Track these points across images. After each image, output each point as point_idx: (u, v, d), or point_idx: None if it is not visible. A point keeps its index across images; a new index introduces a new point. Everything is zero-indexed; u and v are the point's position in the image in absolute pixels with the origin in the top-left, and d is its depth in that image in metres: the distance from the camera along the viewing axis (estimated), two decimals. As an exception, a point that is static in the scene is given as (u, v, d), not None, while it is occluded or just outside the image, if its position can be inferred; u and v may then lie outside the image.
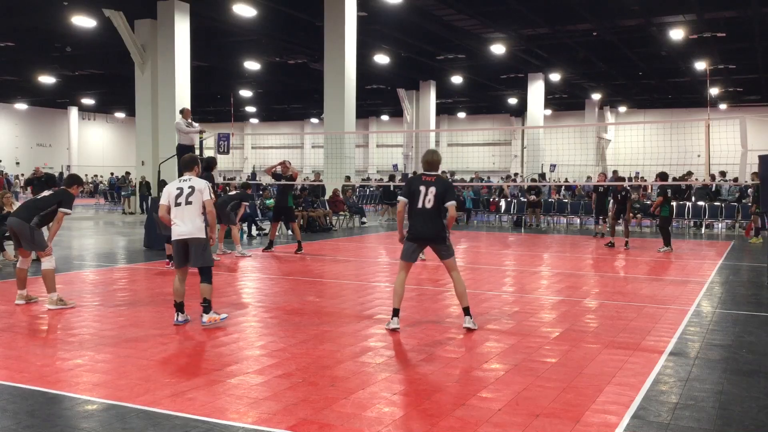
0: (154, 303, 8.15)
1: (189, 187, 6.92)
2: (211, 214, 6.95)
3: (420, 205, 6.64)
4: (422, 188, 6.64)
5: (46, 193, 8.02)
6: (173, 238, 6.92)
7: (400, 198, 6.92)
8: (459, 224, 22.93)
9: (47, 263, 7.75)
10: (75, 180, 8.21)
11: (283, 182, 13.72)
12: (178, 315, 6.99)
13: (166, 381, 5.05)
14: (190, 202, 6.87)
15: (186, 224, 6.83)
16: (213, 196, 7.18)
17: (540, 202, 22.17)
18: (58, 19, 22.38)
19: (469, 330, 6.75)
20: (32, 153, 51.24)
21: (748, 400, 4.80)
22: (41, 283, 7.96)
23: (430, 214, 6.64)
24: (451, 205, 6.61)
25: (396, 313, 6.82)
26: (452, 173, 32.00)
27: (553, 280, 10.59)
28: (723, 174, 23.27)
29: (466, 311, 6.85)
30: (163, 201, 7.06)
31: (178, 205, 6.87)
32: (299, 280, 10.28)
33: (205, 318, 6.85)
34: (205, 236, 6.91)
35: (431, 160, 6.86)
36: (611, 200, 16.21)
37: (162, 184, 19.71)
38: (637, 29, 25.21)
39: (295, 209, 14.88)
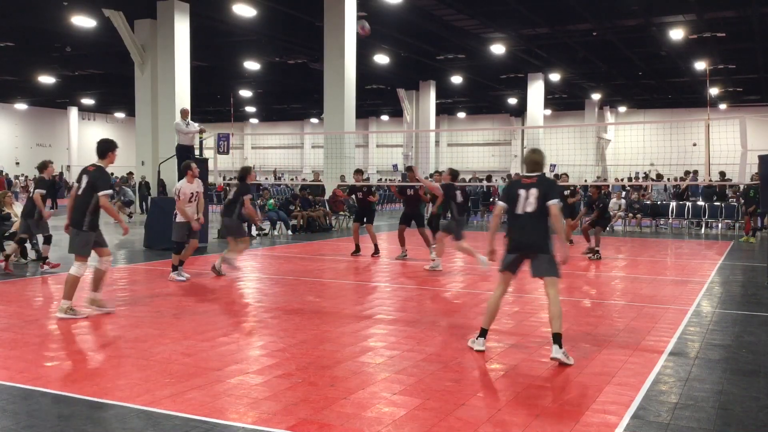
0: (154, 303, 8.14)
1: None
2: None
3: (520, 210, 5.78)
4: (522, 191, 5.78)
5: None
6: None
7: (498, 203, 6.10)
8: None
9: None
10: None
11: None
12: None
13: (166, 381, 5.05)
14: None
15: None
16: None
17: None
18: (58, 19, 22.37)
19: (560, 363, 5.58)
20: (32, 153, 51.17)
21: (748, 400, 4.80)
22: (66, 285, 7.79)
23: (531, 220, 5.73)
24: (553, 204, 5.67)
25: (483, 333, 5.98)
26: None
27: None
28: (722, 174, 23.27)
29: (556, 339, 5.60)
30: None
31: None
32: (299, 280, 10.28)
33: None
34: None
35: (534, 159, 5.95)
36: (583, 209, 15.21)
37: (161, 183, 19.75)
38: (637, 29, 25.19)
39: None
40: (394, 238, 14.44)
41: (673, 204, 21.54)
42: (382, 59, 28.73)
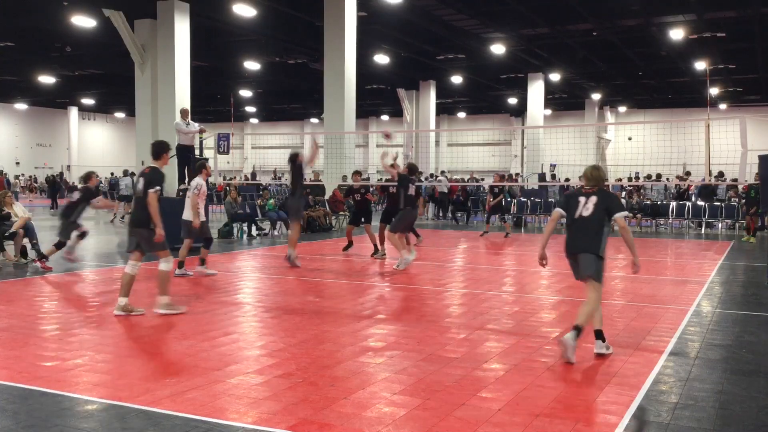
0: (154, 303, 8.14)
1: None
2: None
3: (577, 214, 6.00)
4: (582, 199, 6.02)
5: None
6: None
7: (555, 209, 6.33)
8: (459, 224, 22.94)
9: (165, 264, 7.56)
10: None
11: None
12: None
13: (166, 381, 5.05)
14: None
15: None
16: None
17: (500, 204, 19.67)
18: (58, 19, 22.36)
19: (600, 355, 5.84)
20: (32, 153, 51.25)
21: (748, 400, 4.80)
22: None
23: (587, 225, 5.93)
24: (619, 216, 5.89)
25: (598, 335, 5.99)
26: (442, 172, 31.98)
27: (553, 280, 10.59)
28: (721, 174, 23.26)
29: (577, 328, 5.73)
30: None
31: None
32: (299, 280, 10.28)
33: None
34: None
35: (596, 176, 6.13)
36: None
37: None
38: (637, 29, 25.18)
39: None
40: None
41: (673, 204, 21.54)
42: (382, 59, 28.72)
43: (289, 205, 12.13)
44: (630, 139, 21.04)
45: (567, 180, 28.52)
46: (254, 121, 57.20)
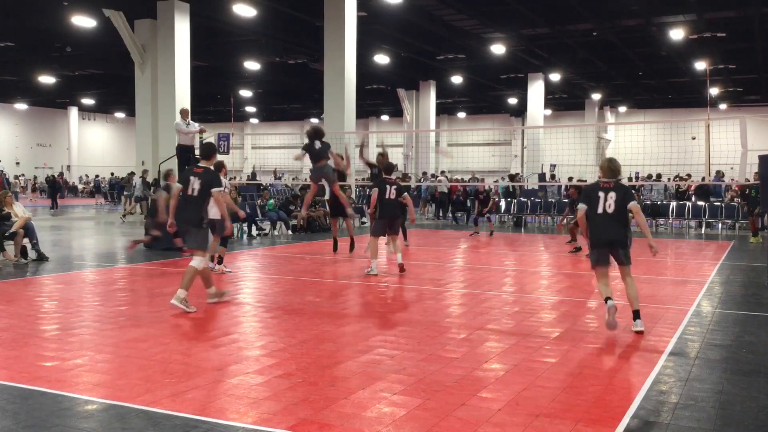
0: (154, 303, 8.15)
1: None
2: None
3: (600, 210, 6.64)
4: (601, 194, 6.66)
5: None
6: None
7: (580, 206, 6.87)
8: (459, 224, 22.94)
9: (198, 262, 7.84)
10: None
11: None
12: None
13: (166, 381, 5.05)
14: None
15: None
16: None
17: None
18: (58, 19, 22.37)
19: (638, 333, 6.64)
20: (32, 153, 51.26)
21: (748, 400, 4.79)
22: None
23: (615, 219, 6.62)
24: (633, 204, 6.63)
25: (635, 315, 6.76)
26: (440, 173, 31.95)
27: (553, 280, 10.59)
28: (719, 173, 23.29)
29: (636, 315, 6.72)
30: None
31: None
32: (299, 280, 10.28)
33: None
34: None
35: (612, 167, 6.82)
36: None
37: (155, 183, 19.72)
38: (637, 29, 25.19)
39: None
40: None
41: (673, 204, 21.55)
42: (382, 59, 28.72)
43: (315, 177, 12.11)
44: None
45: (570, 179, 28.52)
46: (254, 121, 57.22)
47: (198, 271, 7.79)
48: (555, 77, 33.75)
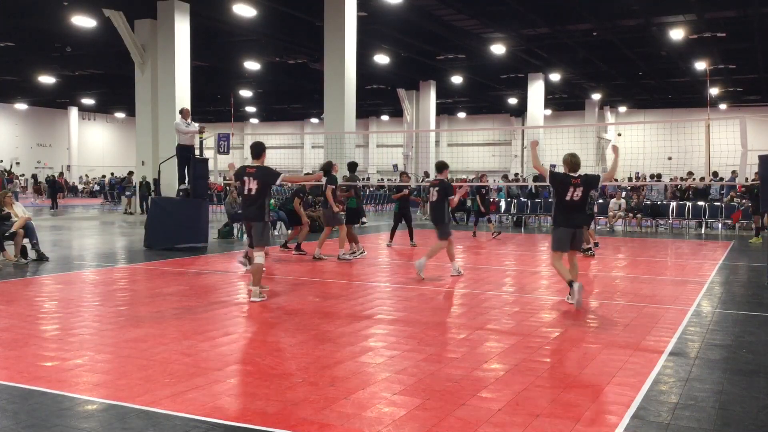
0: (154, 303, 8.15)
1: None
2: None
3: (568, 197, 7.97)
4: (571, 189, 7.97)
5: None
6: None
7: (549, 172, 8.41)
8: (458, 224, 22.93)
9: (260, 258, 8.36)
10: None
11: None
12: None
13: (166, 381, 5.05)
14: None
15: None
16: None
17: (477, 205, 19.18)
18: (58, 19, 22.37)
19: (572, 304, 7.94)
20: (32, 153, 51.23)
21: (748, 400, 4.80)
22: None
23: (580, 206, 8.05)
24: (602, 179, 8.41)
25: (570, 284, 7.98)
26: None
27: (553, 280, 10.58)
28: (715, 174, 23.26)
29: (570, 284, 7.95)
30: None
31: None
32: (299, 280, 10.28)
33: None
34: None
35: (573, 161, 8.15)
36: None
37: (155, 183, 19.71)
38: (637, 29, 25.19)
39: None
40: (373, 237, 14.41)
41: (673, 204, 21.54)
42: (382, 59, 28.72)
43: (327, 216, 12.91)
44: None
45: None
46: (254, 121, 57.20)
47: (263, 266, 8.31)
48: (555, 77, 33.75)
